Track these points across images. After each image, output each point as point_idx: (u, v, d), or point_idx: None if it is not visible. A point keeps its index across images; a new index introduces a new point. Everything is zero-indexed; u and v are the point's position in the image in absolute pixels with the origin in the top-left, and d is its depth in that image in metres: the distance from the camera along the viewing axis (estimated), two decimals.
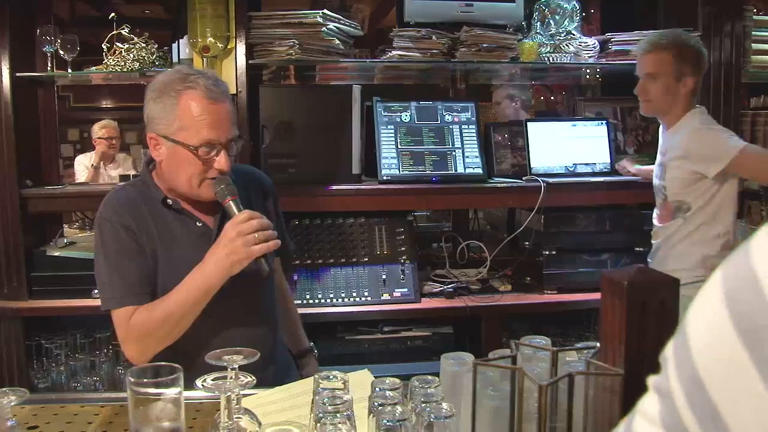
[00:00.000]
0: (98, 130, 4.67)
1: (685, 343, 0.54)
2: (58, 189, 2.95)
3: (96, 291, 2.79)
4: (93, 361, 2.88)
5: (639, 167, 3.02)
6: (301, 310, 2.73)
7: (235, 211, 1.74)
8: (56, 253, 2.88)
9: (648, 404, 0.58)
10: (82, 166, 4.65)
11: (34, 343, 2.88)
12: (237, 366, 1.30)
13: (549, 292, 2.96)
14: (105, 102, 6.83)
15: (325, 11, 2.79)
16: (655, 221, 2.73)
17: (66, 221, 3.59)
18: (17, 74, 2.80)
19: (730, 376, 0.50)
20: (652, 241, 2.76)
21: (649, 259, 2.77)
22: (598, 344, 1.03)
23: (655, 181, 2.72)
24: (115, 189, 1.96)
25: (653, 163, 3.05)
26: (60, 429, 1.54)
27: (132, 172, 4.51)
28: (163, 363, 1.09)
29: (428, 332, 2.92)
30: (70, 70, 2.92)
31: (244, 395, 1.60)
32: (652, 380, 0.59)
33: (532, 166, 3.04)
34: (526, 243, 3.05)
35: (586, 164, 3.08)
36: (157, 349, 1.79)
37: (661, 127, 2.72)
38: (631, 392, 0.95)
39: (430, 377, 1.31)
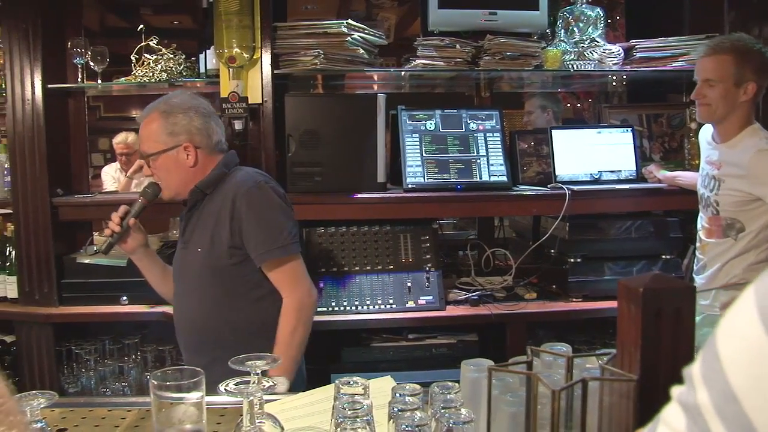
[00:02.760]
0: (115, 144, 4.74)
1: (716, 357, 0.55)
2: (87, 197, 3.01)
3: (124, 298, 2.88)
4: (121, 366, 2.92)
5: (665, 173, 2.99)
6: (326, 318, 2.78)
7: (134, 206, 2.26)
8: (86, 261, 2.93)
9: (672, 416, 0.59)
10: (109, 176, 4.71)
11: (65, 348, 2.94)
12: (260, 371, 1.32)
13: (574, 299, 2.94)
14: (135, 112, 6.89)
15: (350, 21, 2.82)
16: (701, 234, 2.65)
17: (96, 229, 3.65)
18: (49, 86, 2.87)
19: (765, 389, 0.51)
20: (698, 255, 2.68)
21: (695, 275, 2.71)
22: (614, 351, 1.03)
23: (704, 192, 2.63)
24: None
25: (680, 170, 3.03)
26: None
27: None
28: (185, 367, 1.12)
29: (453, 340, 2.92)
30: (99, 81, 2.98)
31: (269, 400, 1.63)
32: (676, 392, 0.60)
33: (557, 173, 3.02)
34: (552, 251, 3.04)
35: (612, 171, 3.06)
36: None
37: (709, 135, 2.63)
38: (646, 398, 0.95)
39: (450, 383, 1.32)
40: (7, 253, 3.02)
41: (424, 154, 2.98)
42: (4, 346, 3.09)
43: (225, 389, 1.23)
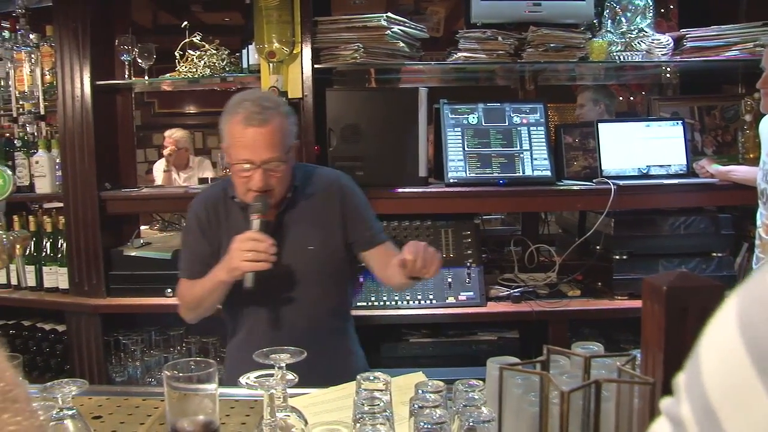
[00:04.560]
0: (164, 139, 4.86)
1: (698, 369, 0.53)
2: (133, 191, 3.08)
3: (169, 290, 2.93)
4: (167, 357, 2.98)
5: (718, 167, 2.88)
6: (366, 312, 2.78)
7: (253, 227, 1.96)
8: (132, 253, 3.00)
9: (660, 429, 0.57)
10: (160, 171, 4.83)
11: (113, 338, 3.01)
12: (284, 365, 1.32)
13: (620, 297, 2.87)
14: (188, 108, 7.05)
15: (389, 14, 2.80)
16: (762, 232, 2.56)
17: (145, 222, 3.74)
18: (97, 83, 2.94)
19: (742, 403, 0.48)
20: (759, 254, 2.59)
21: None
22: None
23: (766, 187, 2.54)
24: (210, 184, 2.46)
25: (734, 164, 2.92)
26: (121, 420, 1.61)
27: (210, 175, 4.66)
28: (198, 359, 1.12)
29: (494, 336, 2.89)
30: (147, 77, 3.03)
31: (297, 394, 1.63)
32: (664, 404, 0.58)
33: (603, 168, 2.95)
34: (597, 247, 2.97)
35: (661, 166, 2.97)
36: (191, 316, 2.18)
37: None
38: None
39: (474, 381, 1.30)
40: (59, 245, 3.11)
41: (466, 149, 2.94)
42: (56, 335, 3.19)
43: (246, 382, 1.23)
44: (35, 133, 3.20)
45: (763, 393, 0.46)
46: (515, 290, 2.93)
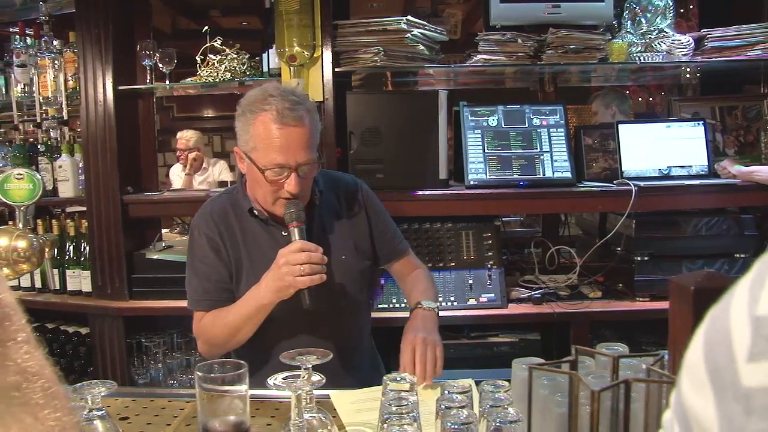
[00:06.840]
0: (177, 142, 4.88)
1: (679, 389, 0.52)
2: (155, 195, 3.10)
3: None
4: (188, 359, 3.00)
5: (740, 168, 2.86)
6: (387, 314, 2.77)
7: (296, 237, 1.77)
8: (155, 256, 3.02)
9: None
10: (176, 175, 4.88)
11: (135, 341, 3.04)
12: (311, 366, 1.34)
13: (641, 299, 2.85)
14: (206, 112, 7.10)
15: (409, 17, 2.81)
16: None
17: (167, 226, 3.77)
18: (119, 87, 2.97)
19: (705, 428, 0.48)
20: None
21: None
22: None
23: None
24: (211, 198, 2.10)
25: (757, 165, 2.89)
26: (148, 421, 1.63)
27: (229, 178, 4.69)
28: (229, 359, 1.14)
29: (515, 338, 2.88)
30: (168, 82, 3.06)
31: (324, 396, 1.65)
32: (664, 419, 0.57)
33: (623, 169, 2.93)
34: (618, 249, 2.96)
35: (682, 167, 2.95)
36: (220, 351, 1.93)
37: None
38: None
39: (500, 382, 1.31)
40: (82, 249, 3.14)
41: (486, 151, 2.94)
42: (79, 338, 3.22)
43: (273, 383, 1.25)
44: (58, 138, 3.24)
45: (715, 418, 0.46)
46: (536, 292, 2.92)
